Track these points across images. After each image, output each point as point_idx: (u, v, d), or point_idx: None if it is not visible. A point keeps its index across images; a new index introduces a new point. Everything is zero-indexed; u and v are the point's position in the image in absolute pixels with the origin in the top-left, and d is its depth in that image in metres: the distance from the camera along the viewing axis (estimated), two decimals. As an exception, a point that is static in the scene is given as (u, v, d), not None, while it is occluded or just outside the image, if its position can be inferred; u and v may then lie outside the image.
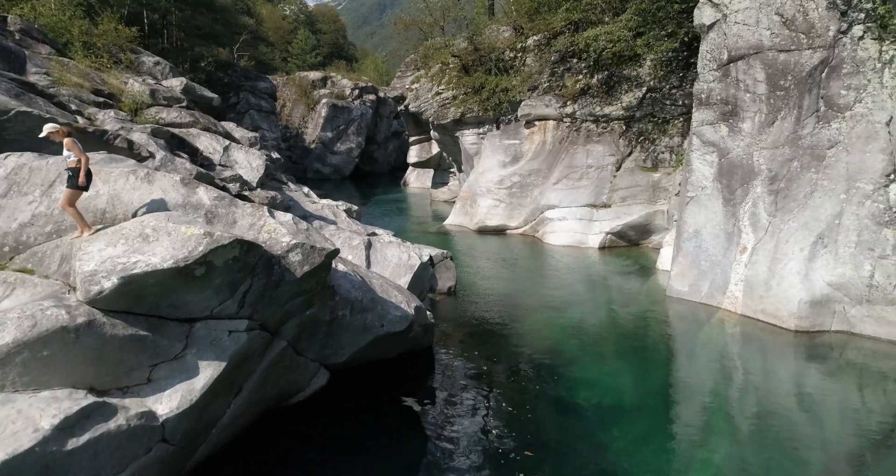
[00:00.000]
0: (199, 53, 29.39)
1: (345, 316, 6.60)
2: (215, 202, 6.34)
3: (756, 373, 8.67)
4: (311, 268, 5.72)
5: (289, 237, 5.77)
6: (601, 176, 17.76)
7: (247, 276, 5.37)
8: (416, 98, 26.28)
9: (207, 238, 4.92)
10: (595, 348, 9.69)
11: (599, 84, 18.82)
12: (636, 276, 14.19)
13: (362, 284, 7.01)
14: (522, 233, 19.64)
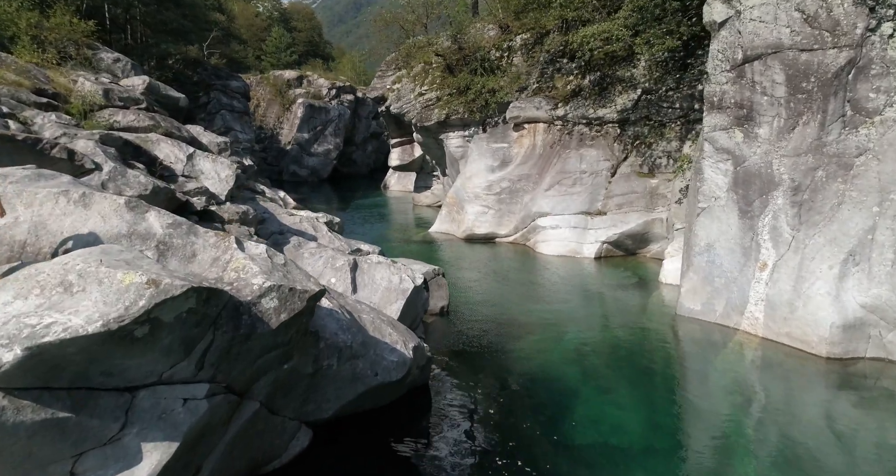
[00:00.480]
0: (165, 50, 27.62)
1: (331, 366, 5.45)
2: (170, 231, 5.13)
3: (784, 405, 7.80)
4: (290, 316, 4.57)
5: (262, 277, 4.59)
6: (595, 182, 16.87)
7: (207, 330, 4.19)
8: (397, 99, 25.09)
9: (152, 288, 3.72)
10: (599, 377, 8.73)
11: (591, 85, 17.94)
12: (638, 291, 13.29)
13: (351, 324, 5.86)
14: (513, 241, 18.64)
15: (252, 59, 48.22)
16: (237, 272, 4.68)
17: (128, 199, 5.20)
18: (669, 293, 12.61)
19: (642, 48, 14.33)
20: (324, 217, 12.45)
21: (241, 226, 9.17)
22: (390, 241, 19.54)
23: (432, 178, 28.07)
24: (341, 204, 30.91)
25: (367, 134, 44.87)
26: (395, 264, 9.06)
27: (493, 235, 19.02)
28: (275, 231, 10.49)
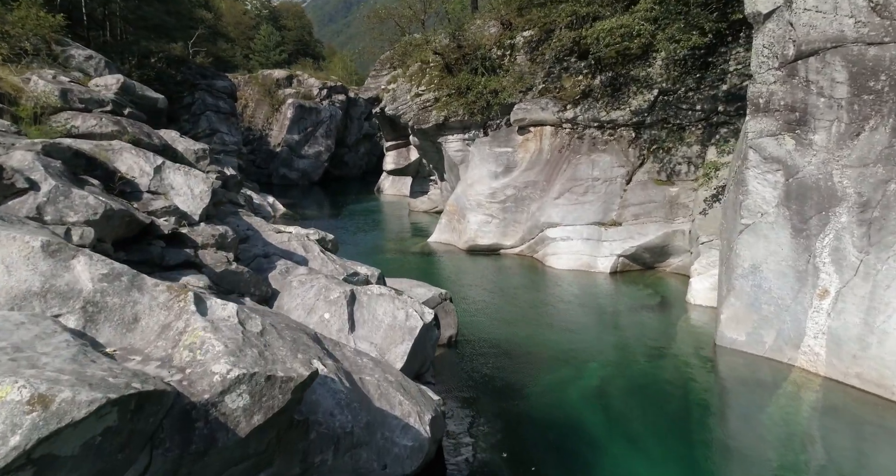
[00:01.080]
0: (146, 48, 25.97)
1: (325, 461, 4.03)
2: (103, 285, 3.70)
3: (856, 465, 6.51)
4: (268, 417, 3.16)
5: (227, 362, 3.17)
6: (609, 190, 15.55)
7: (138, 452, 2.77)
8: (393, 100, 23.65)
9: (37, 412, 2.30)
10: (626, 422, 7.42)
11: (603, 86, 16.63)
12: (664, 314, 11.98)
13: (351, 397, 4.44)
14: (519, 253, 17.29)
15: (240, 59, 46.49)
16: (192, 351, 3.26)
17: (46, 241, 3.76)
18: (701, 317, 11.31)
19: (664, 45, 13.02)
20: (315, 233, 10.99)
21: (217, 251, 7.72)
22: (387, 254, 18.12)
23: (429, 182, 26.66)
24: (333, 209, 29.42)
25: (359, 135, 43.36)
26: (400, 297, 7.66)
27: (497, 247, 17.65)
28: (259, 254, 9.04)
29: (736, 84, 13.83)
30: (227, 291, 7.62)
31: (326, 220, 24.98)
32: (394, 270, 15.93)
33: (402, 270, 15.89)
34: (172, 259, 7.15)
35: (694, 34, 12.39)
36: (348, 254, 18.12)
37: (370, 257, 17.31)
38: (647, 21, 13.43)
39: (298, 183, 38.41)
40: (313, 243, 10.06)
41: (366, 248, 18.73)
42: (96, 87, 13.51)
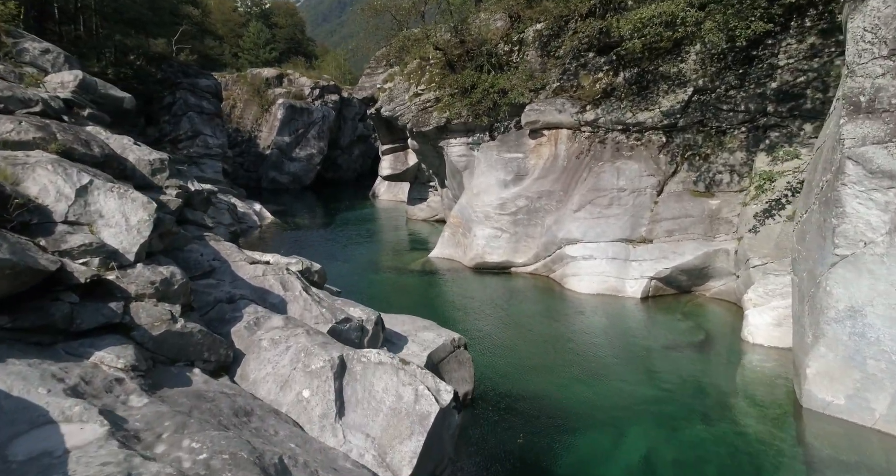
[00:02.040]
0: (120, 42, 23.71)
1: None
2: None
3: None
4: None
5: None
6: (638, 202, 13.53)
7: None
8: (389, 100, 21.53)
9: None
10: None
11: (627, 84, 14.61)
12: (715, 355, 9.96)
13: None
14: (533, 272, 15.24)
15: (228, 57, 44.19)
16: None
17: None
18: (766, 362, 9.30)
19: (713, 35, 10.98)
20: (298, 263, 8.88)
21: (158, 303, 5.61)
22: (383, 272, 16.02)
23: (428, 189, 24.57)
24: (325, 217, 27.27)
25: (353, 137, 41.19)
26: (407, 368, 5.57)
27: (507, 264, 15.60)
28: (221, 297, 6.93)
29: (788, 81, 11.85)
30: (171, 360, 5.52)
31: (317, 230, 22.84)
32: (391, 295, 13.85)
33: (400, 295, 13.82)
34: (87, 321, 5.07)
35: (752, 20, 10.34)
36: (340, 273, 16.02)
37: (364, 277, 15.22)
38: (694, 7, 11.39)
39: (289, 187, 36.21)
40: (294, 278, 7.95)
41: (359, 265, 16.63)
42: (51, 85, 11.38)
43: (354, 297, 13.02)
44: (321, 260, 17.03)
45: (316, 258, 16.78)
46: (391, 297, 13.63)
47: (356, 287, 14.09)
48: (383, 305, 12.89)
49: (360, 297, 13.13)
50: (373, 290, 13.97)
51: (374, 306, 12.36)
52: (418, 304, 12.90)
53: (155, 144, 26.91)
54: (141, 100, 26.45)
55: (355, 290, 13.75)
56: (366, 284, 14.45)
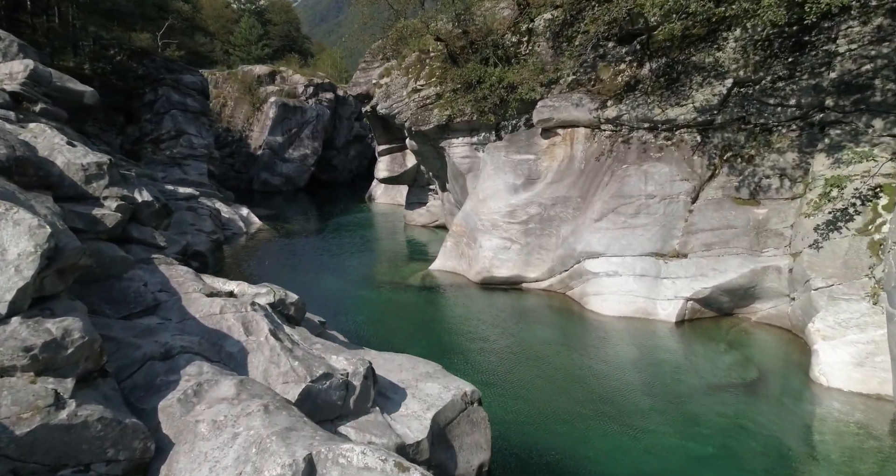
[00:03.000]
0: (96, 35, 21.78)
1: None
2: None
3: None
4: None
5: None
6: (670, 210, 11.72)
7: None
8: (385, 96, 19.68)
9: None
10: None
11: (654, 76, 12.81)
12: (779, 401, 8.14)
13: None
14: (547, 289, 13.42)
15: (220, 54, 42.27)
16: None
17: None
18: (850, 413, 7.50)
19: (773, 12, 9.15)
20: (269, 293, 7.03)
21: (37, 379, 3.77)
22: (378, 288, 14.18)
23: (428, 192, 22.74)
24: (318, 222, 25.40)
25: (349, 137, 39.31)
26: (405, 472, 3.78)
27: (518, 280, 13.78)
28: (154, 353, 5.08)
29: (850, 69, 10.06)
30: (50, 468, 3.68)
31: (308, 237, 20.98)
32: (387, 318, 12.01)
33: (397, 317, 11.99)
34: None
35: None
36: (330, 289, 14.17)
37: (357, 294, 13.39)
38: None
39: (282, 189, 34.32)
40: (261, 316, 6.12)
41: (352, 280, 14.79)
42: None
43: (344, 321, 11.20)
44: (310, 272, 15.19)
45: (305, 270, 14.89)
46: (386, 320, 11.81)
47: (347, 308, 12.26)
48: (377, 333, 11.07)
49: (351, 324, 11.30)
50: (366, 313, 12.14)
51: (366, 333, 10.52)
52: (417, 331, 11.08)
53: (135, 144, 25.05)
54: (120, 97, 24.62)
55: (346, 312, 11.93)
56: (358, 305, 12.62)
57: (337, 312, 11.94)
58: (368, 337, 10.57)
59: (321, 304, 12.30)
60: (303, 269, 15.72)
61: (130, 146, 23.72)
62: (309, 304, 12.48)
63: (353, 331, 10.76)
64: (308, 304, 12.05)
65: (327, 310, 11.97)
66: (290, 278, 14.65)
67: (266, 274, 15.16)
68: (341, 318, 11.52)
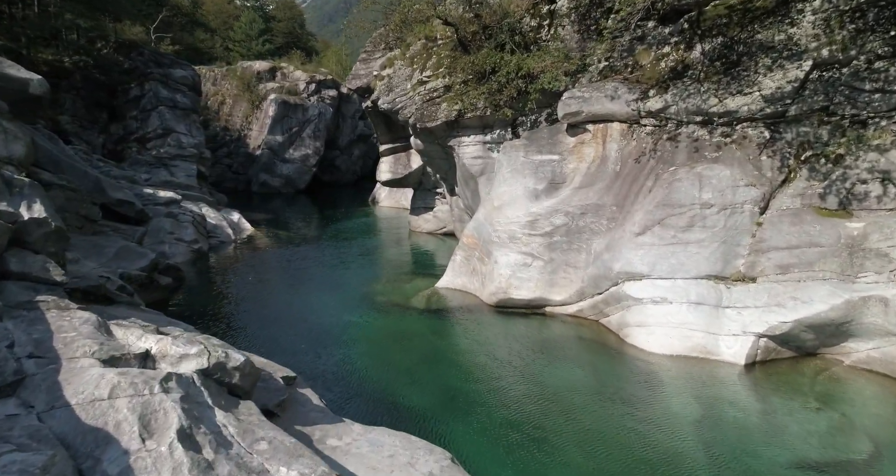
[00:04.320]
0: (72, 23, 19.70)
1: None
2: None
3: None
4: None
5: None
6: (732, 223, 9.37)
7: None
8: (388, 90, 17.44)
9: None
10: None
11: (707, 60, 10.47)
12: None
13: None
14: (576, 314, 11.12)
15: (220, 50, 40.27)
16: None
17: None
18: None
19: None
20: (199, 355, 4.77)
21: None
22: (376, 311, 11.91)
23: (434, 196, 20.48)
24: (317, 227, 23.21)
25: (352, 136, 37.14)
26: None
27: (541, 303, 11.49)
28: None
29: (980, 46, 7.67)
30: None
31: (304, 245, 18.79)
32: (383, 353, 9.66)
33: (395, 351, 9.72)
34: None
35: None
36: (321, 312, 11.90)
37: (351, 319, 11.15)
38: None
39: (281, 191, 32.21)
40: (173, 403, 3.86)
41: (347, 299, 12.57)
42: None
43: (330, 359, 8.94)
44: (299, 290, 12.92)
45: (293, 287, 12.56)
46: (383, 355, 9.56)
47: (336, 340, 10.02)
48: (369, 376, 8.80)
49: (339, 362, 9.00)
50: (359, 346, 9.90)
51: (355, 378, 8.27)
52: (419, 370, 8.84)
53: (119, 143, 23.01)
54: (103, 92, 22.59)
55: (334, 344, 9.70)
56: (351, 335, 10.39)
57: (323, 345, 9.73)
58: (357, 383, 8.35)
59: (305, 334, 10.08)
60: (291, 286, 13.51)
61: (114, 145, 21.66)
62: (292, 333, 10.26)
63: (339, 375, 8.54)
64: (290, 333, 9.78)
65: (312, 341, 9.75)
66: (274, 298, 12.45)
67: (247, 292, 12.97)
68: (327, 355, 9.30)
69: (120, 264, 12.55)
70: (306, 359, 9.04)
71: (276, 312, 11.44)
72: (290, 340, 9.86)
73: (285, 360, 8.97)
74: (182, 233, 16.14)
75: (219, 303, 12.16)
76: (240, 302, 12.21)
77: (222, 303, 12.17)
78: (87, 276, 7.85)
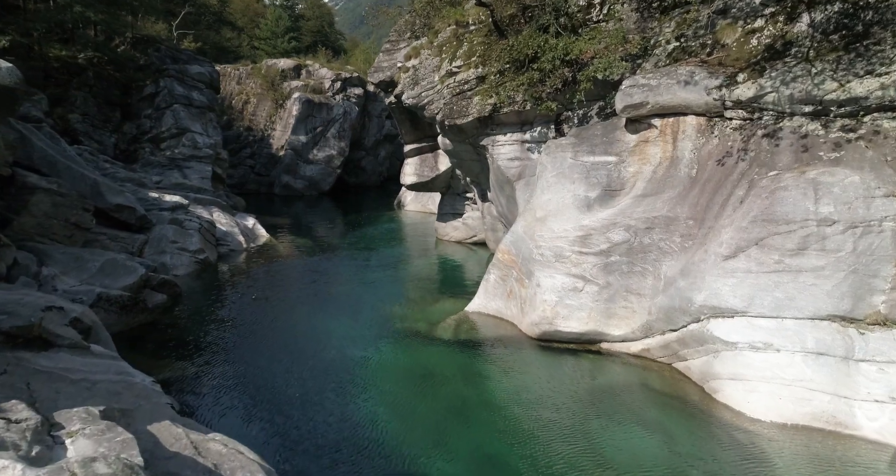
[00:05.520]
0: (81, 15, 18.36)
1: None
2: None
3: None
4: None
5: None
6: (865, 246, 6.92)
7: None
8: (413, 83, 15.40)
9: None
10: None
11: (820, 33, 8.02)
12: None
13: None
14: (641, 354, 8.82)
15: (246, 49, 39.05)
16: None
17: None
18: None
19: None
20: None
21: None
22: (395, 342, 9.81)
23: (464, 201, 18.34)
24: (338, 234, 21.37)
25: (379, 136, 35.33)
26: None
27: (595, 337, 9.23)
28: None
29: None
30: None
31: (320, 255, 16.92)
32: (400, 400, 7.26)
33: (415, 398, 7.60)
34: None
35: None
36: (327, 341, 9.87)
37: (361, 353, 9.12)
38: None
39: (304, 194, 30.61)
40: None
41: (360, 326, 10.55)
42: None
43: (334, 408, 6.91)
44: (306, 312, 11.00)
45: (301, 309, 10.68)
46: (400, 404, 7.49)
47: (344, 381, 8.01)
48: (380, 436, 6.66)
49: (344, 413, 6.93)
50: (371, 391, 7.88)
51: (363, 437, 6.11)
52: (445, 427, 6.76)
53: (131, 143, 21.66)
54: (117, 90, 21.28)
55: (340, 390, 7.69)
56: (362, 374, 8.36)
57: (327, 389, 7.74)
58: (365, 446, 6.29)
59: (303, 376, 8.10)
60: (297, 307, 11.60)
61: (126, 146, 20.27)
62: (287, 372, 8.29)
63: (341, 438, 6.48)
64: (285, 373, 7.83)
65: (310, 386, 7.74)
66: (276, 323, 10.53)
67: (245, 314, 11.09)
68: (329, 402, 7.28)
69: (104, 281, 10.84)
70: (298, 414, 7.03)
71: (273, 343, 9.51)
72: (282, 384, 7.89)
73: (270, 415, 7.02)
74: (186, 241, 14.46)
75: (209, 327, 10.32)
76: (234, 327, 10.33)
77: (213, 328, 10.32)
78: (16, 313, 6.01)
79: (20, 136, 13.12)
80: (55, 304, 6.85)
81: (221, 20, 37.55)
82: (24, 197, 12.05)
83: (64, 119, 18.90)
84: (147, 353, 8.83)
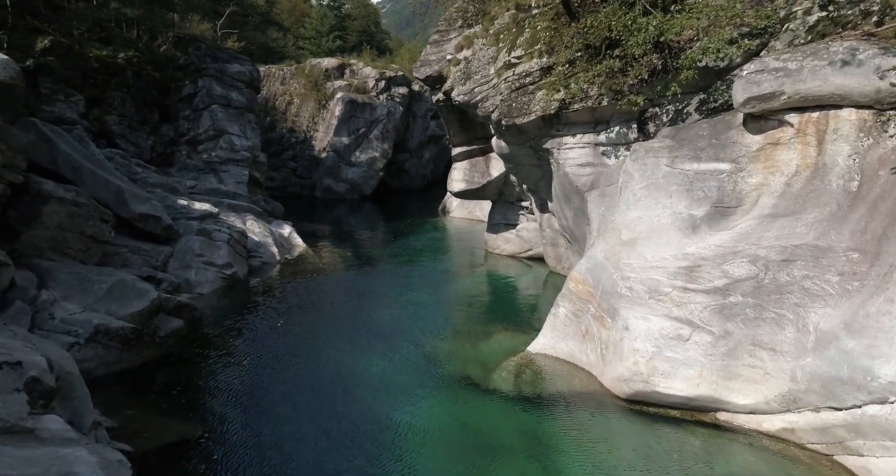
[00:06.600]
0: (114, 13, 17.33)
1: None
2: None
3: None
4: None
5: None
6: None
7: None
8: (465, 77, 13.33)
9: None
10: None
11: None
12: None
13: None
14: (780, 435, 6.39)
15: (292, 49, 38.09)
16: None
17: None
18: None
19: None
20: None
21: None
22: (438, 393, 7.75)
23: (519, 211, 16.11)
24: (378, 244, 19.59)
25: (423, 137, 33.50)
26: None
27: (709, 405, 6.87)
28: None
29: None
30: None
31: (358, 270, 15.13)
32: (447, 461, 5.45)
33: None
34: None
35: None
36: (354, 393, 7.36)
37: (394, 410, 7.12)
38: None
39: (346, 198, 29.15)
40: None
41: (396, 368, 8.57)
42: None
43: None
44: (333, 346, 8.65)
45: (327, 343, 8.01)
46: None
47: (372, 446, 6.03)
48: None
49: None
50: (402, 466, 5.85)
51: None
52: None
53: (168, 146, 20.64)
54: (155, 90, 20.30)
55: (370, 456, 5.64)
56: (395, 447, 6.38)
57: (346, 469, 5.77)
58: None
59: (322, 444, 6.17)
60: (326, 340, 9.75)
61: (163, 148, 19.20)
62: (303, 439, 6.36)
63: None
64: (298, 439, 5.84)
65: (332, 456, 5.77)
66: (297, 362, 8.69)
67: (264, 349, 9.31)
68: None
69: (110, 306, 9.31)
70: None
71: (290, 392, 7.68)
72: (289, 458, 5.98)
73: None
74: (213, 255, 12.96)
75: (222, 366, 8.60)
76: (249, 367, 8.58)
77: (226, 366, 8.60)
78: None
79: (44, 139, 11.90)
80: (9, 360, 5.20)
81: (268, 20, 36.70)
82: (38, 206, 10.73)
83: (101, 121, 17.95)
84: (144, 403, 7.15)
